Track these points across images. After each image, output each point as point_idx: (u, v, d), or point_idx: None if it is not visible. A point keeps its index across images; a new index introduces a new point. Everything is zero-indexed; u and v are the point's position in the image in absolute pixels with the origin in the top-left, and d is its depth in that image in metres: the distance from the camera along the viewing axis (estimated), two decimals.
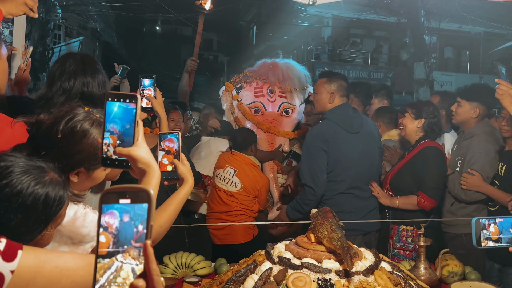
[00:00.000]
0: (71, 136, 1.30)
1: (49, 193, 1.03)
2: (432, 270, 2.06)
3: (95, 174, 1.38)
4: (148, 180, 1.10)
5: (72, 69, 1.87)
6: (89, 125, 1.33)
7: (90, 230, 1.34)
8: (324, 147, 2.63)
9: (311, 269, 1.55)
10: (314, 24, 17.19)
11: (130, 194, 0.68)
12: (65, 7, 10.95)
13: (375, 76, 16.42)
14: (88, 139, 1.32)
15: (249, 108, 3.80)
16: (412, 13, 11.16)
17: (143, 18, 15.73)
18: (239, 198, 3.30)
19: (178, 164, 1.38)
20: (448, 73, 16.85)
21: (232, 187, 3.31)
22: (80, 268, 0.94)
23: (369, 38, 17.94)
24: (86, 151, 1.32)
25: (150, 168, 1.10)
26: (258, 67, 4.01)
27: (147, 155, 1.10)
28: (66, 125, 1.30)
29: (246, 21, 23.44)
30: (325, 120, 2.75)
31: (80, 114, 1.34)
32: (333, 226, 1.63)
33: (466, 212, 2.76)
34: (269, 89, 3.84)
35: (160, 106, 2.09)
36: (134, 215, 0.68)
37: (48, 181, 1.04)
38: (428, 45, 11.98)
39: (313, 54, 16.64)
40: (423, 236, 2.08)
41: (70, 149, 1.29)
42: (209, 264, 2.29)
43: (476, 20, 11.37)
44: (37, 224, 1.02)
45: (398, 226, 2.66)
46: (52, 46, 10.48)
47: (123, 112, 1.05)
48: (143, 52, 19.96)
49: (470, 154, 2.74)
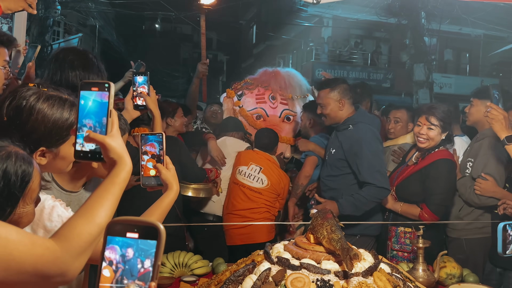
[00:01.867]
0: (17, 116, 1.17)
1: (8, 167, 0.94)
2: (430, 272, 2.06)
3: (62, 152, 1.24)
4: (117, 172, 1.03)
5: (73, 63, 1.87)
6: (35, 101, 1.18)
7: (56, 226, 1.22)
8: (380, 146, 2.71)
9: (310, 269, 1.54)
10: (314, 24, 17.19)
11: (138, 228, 0.64)
12: (64, 4, 10.93)
13: (375, 77, 16.45)
14: (37, 116, 1.18)
15: (251, 114, 3.89)
16: (412, 15, 11.16)
17: (143, 15, 15.71)
18: (264, 194, 3.30)
19: (161, 168, 1.29)
20: (448, 75, 16.87)
21: (258, 184, 3.30)
22: (22, 244, 0.87)
23: (369, 39, 17.94)
24: (38, 129, 1.18)
25: (121, 160, 1.04)
26: (259, 74, 4.09)
27: (120, 146, 1.03)
28: (9, 106, 1.17)
29: (246, 20, 23.43)
30: (361, 124, 2.73)
31: (24, 91, 1.19)
32: (333, 227, 1.62)
33: (473, 217, 2.72)
34: (271, 96, 3.93)
35: (154, 104, 2.05)
36: (140, 250, 0.63)
37: (5, 155, 0.95)
38: (428, 47, 11.99)
39: (312, 54, 16.64)
40: (422, 238, 2.07)
41: (20, 131, 1.16)
42: (207, 263, 2.28)
43: (476, 23, 11.40)
44: (3, 200, 0.94)
45: (396, 227, 2.63)
46: (51, 42, 10.45)
47: (97, 101, 1.00)
48: (142, 50, 19.93)
49: (480, 156, 2.68)
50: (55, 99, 1.22)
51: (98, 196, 1.01)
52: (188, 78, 22.36)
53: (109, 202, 1.00)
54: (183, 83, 20.86)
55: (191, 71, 23.06)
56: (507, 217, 2.42)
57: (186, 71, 22.62)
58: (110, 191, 1.02)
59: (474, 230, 2.74)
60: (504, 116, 2.11)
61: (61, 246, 0.92)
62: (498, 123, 2.11)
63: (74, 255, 0.94)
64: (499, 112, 2.11)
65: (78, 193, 1.53)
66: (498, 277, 2.57)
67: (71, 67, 1.88)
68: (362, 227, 2.65)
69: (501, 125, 2.11)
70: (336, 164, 2.80)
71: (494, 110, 2.12)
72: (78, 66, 1.89)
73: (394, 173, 2.83)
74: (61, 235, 0.95)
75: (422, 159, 2.65)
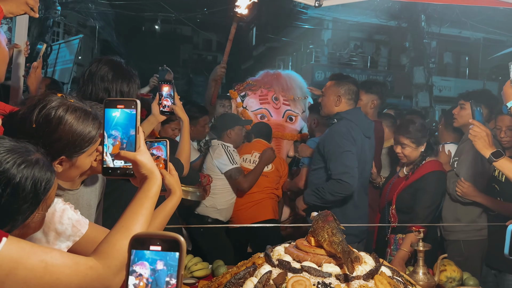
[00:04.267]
0: (46, 124, 1.22)
1: (35, 173, 0.98)
2: (430, 275, 2.06)
3: (79, 162, 1.30)
4: (149, 187, 1.09)
5: (109, 74, 1.89)
6: (63, 111, 1.24)
7: (67, 228, 1.27)
8: (352, 144, 2.63)
9: (311, 272, 1.54)
10: (314, 26, 17.22)
11: (161, 241, 0.67)
12: (64, 5, 10.92)
13: None
14: (64, 126, 1.24)
15: (255, 115, 3.97)
16: (412, 18, 11.20)
17: (143, 16, 15.70)
18: (270, 177, 3.53)
19: (165, 174, 1.32)
20: (447, 78, 16.92)
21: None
22: (66, 267, 0.92)
23: (369, 41, 17.97)
24: (64, 138, 1.24)
25: (152, 174, 1.09)
26: (261, 76, 4.20)
27: (150, 162, 1.09)
28: (39, 114, 1.22)
29: (246, 22, 23.44)
30: (345, 120, 2.71)
31: (53, 100, 1.25)
32: (334, 229, 1.61)
33: (470, 218, 2.77)
34: (274, 97, 4.03)
35: (182, 112, 2.15)
36: (167, 264, 0.67)
37: (34, 160, 1.00)
38: (427, 49, 12.02)
39: (312, 56, 16.67)
40: (422, 241, 2.07)
41: (47, 139, 1.22)
42: (206, 265, 2.27)
43: (476, 26, 11.42)
44: (26, 203, 0.98)
45: (394, 235, 2.65)
46: (50, 43, 10.44)
47: (124, 118, 1.03)
48: (142, 51, 19.93)
49: (464, 155, 2.78)
50: (82, 111, 1.28)
51: (133, 211, 1.07)
52: (188, 79, 22.41)
53: (143, 217, 1.07)
54: (182, 85, 20.87)
55: (191, 73, 23.10)
56: (502, 219, 2.45)
57: (185, 73, 22.64)
58: (144, 206, 1.08)
59: (472, 232, 2.77)
60: (487, 133, 2.04)
61: (102, 264, 0.97)
62: (480, 140, 2.03)
63: (115, 271, 0.99)
64: (481, 129, 2.03)
65: (77, 190, 1.53)
66: (494, 279, 2.58)
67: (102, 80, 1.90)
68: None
69: (484, 142, 2.03)
70: (316, 157, 2.85)
71: (477, 127, 2.04)
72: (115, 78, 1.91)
73: (387, 185, 2.86)
74: (102, 252, 1.00)
75: (412, 173, 2.68)
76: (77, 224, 1.28)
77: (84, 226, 1.30)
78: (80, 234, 1.28)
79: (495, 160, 2.00)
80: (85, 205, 1.55)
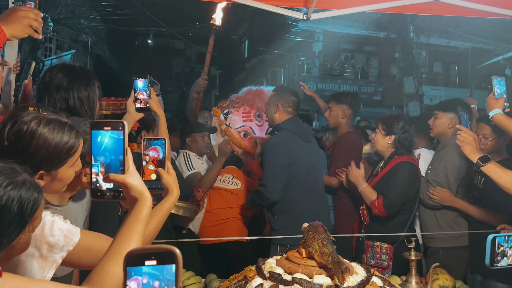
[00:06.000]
0: (18, 141, 1.18)
1: (22, 194, 0.96)
2: (423, 284, 2.05)
3: (60, 175, 1.26)
4: (140, 209, 1.07)
5: (63, 82, 1.80)
6: (36, 125, 1.19)
7: (59, 239, 1.24)
8: (285, 155, 2.80)
9: (302, 284, 1.54)
10: (305, 38, 17.41)
11: (155, 255, 0.66)
12: (56, 20, 10.96)
13: (366, 90, 16.61)
14: (38, 140, 1.19)
15: (238, 132, 3.96)
16: (401, 29, 11.36)
17: (135, 31, 15.82)
18: (238, 195, 3.52)
19: (163, 173, 1.30)
20: (437, 87, 17.11)
21: (233, 186, 3.54)
22: None
23: (359, 52, 18.18)
24: (39, 153, 1.19)
25: (142, 196, 1.08)
26: (244, 93, 4.19)
27: (140, 183, 1.07)
28: (11, 130, 1.18)
29: (238, 35, 23.63)
30: (283, 130, 2.89)
31: (24, 115, 1.20)
32: (324, 240, 1.62)
33: (447, 221, 2.79)
34: (257, 114, 4.04)
35: (157, 105, 2.08)
36: (163, 278, 0.65)
37: (21, 181, 0.97)
38: (417, 59, 12.17)
39: (304, 68, 16.80)
40: (414, 250, 2.07)
41: (21, 155, 1.17)
42: (199, 280, 2.25)
43: (464, 36, 11.63)
44: (12, 225, 0.95)
45: (372, 242, 2.64)
46: (43, 59, 10.46)
47: (111, 141, 1.01)
48: (135, 65, 19.98)
49: (437, 161, 2.81)
50: (56, 123, 1.24)
51: (124, 236, 1.05)
52: (181, 92, 22.44)
53: (135, 241, 1.05)
54: (175, 98, 20.89)
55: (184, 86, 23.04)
56: (486, 227, 2.47)
57: (178, 86, 22.68)
58: (135, 230, 1.06)
59: (451, 240, 2.78)
60: (474, 138, 2.06)
61: None
62: (468, 145, 2.05)
63: None
64: (468, 134, 2.06)
65: (66, 206, 1.51)
66: (480, 286, 2.57)
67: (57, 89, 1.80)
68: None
69: (471, 147, 2.05)
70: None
71: (464, 133, 2.06)
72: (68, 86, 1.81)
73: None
74: (96, 281, 0.99)
75: (381, 170, 2.77)
76: (68, 233, 1.26)
77: (76, 235, 1.27)
78: (73, 243, 1.26)
79: (482, 165, 2.01)
80: (72, 221, 1.54)
